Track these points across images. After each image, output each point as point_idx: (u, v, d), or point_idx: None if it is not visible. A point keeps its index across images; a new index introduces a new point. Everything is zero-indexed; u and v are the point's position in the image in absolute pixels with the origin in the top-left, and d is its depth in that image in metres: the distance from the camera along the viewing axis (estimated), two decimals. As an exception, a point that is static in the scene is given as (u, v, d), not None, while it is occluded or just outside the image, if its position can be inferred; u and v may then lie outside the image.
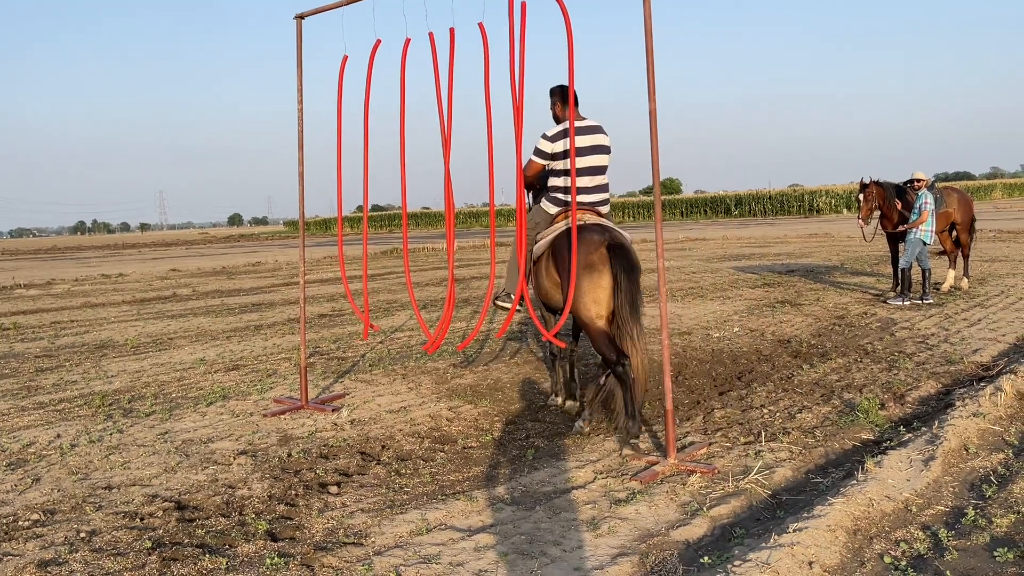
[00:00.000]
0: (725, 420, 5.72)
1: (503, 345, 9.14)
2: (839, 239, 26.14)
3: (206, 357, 9.14)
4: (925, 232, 10.81)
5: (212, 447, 5.54)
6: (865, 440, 5.11)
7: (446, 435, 5.70)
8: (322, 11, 6.31)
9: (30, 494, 4.69)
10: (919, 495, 4.02)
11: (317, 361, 8.64)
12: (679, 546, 3.65)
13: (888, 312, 10.18)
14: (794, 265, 17.45)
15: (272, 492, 4.58)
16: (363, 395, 6.96)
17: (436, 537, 3.85)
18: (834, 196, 59.61)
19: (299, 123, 6.61)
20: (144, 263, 33.24)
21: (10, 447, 5.69)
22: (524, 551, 3.64)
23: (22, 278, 24.67)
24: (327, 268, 24.70)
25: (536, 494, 4.41)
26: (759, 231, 36.27)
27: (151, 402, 6.95)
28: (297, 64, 6.61)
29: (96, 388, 7.65)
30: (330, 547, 3.79)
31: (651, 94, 4.68)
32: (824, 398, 6.15)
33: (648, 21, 4.59)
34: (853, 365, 7.23)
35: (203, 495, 4.58)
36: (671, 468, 4.66)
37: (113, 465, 5.20)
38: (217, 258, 35.55)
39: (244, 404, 6.77)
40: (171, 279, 22.54)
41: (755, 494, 4.24)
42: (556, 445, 5.36)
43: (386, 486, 4.67)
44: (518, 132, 5.08)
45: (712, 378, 7.11)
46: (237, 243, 61.09)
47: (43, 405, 6.99)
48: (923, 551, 3.41)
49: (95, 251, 53.94)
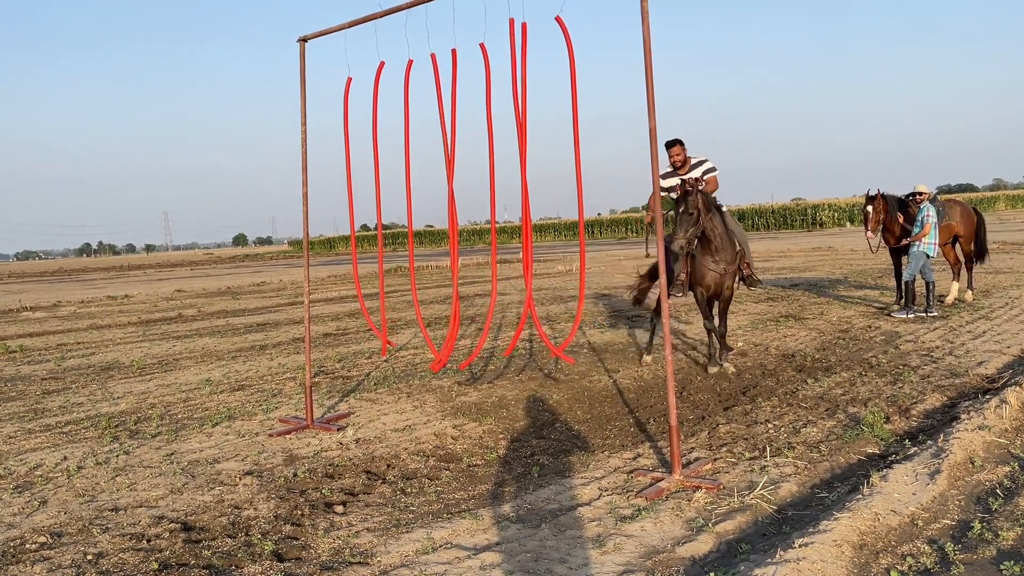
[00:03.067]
0: (730, 435, 5.72)
1: (507, 363, 9.15)
2: (843, 253, 26.14)
3: (212, 377, 9.17)
4: (928, 245, 10.81)
5: (218, 467, 5.55)
6: (870, 454, 5.11)
7: (451, 453, 5.70)
8: (325, 34, 6.38)
9: (37, 516, 4.71)
10: (925, 509, 4.01)
11: (322, 380, 8.66)
12: (685, 563, 3.65)
13: (892, 325, 10.18)
14: (797, 279, 17.45)
15: (278, 512, 4.59)
16: (368, 414, 6.97)
17: (442, 556, 3.85)
18: (837, 209, 59.62)
19: (303, 144, 6.67)
20: (150, 284, 33.34)
21: (17, 470, 5.71)
22: (530, 569, 3.64)
23: (28, 300, 24.76)
24: (332, 287, 24.76)
25: (541, 512, 4.42)
26: (762, 245, 36.28)
27: (157, 423, 6.97)
28: (301, 86, 6.68)
29: (102, 410, 7.67)
30: (336, 567, 3.80)
31: (651, 112, 4.72)
32: (829, 412, 6.15)
33: (647, 40, 4.64)
34: (858, 379, 7.23)
35: (209, 516, 4.59)
36: (676, 484, 4.66)
37: (119, 487, 5.21)
38: (222, 278, 35.65)
39: (250, 424, 6.79)
40: (176, 300, 22.61)
41: (760, 509, 4.23)
42: (561, 462, 5.36)
43: (391, 505, 4.67)
44: (522, 150, 5.12)
45: (716, 393, 7.11)
46: (242, 263, 61.26)
47: (50, 427, 7.02)
48: (930, 565, 3.41)
49: (101, 273, 54.13)
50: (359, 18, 6.00)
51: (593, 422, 6.44)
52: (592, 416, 6.62)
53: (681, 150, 8.12)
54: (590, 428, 6.27)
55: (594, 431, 6.18)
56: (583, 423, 6.42)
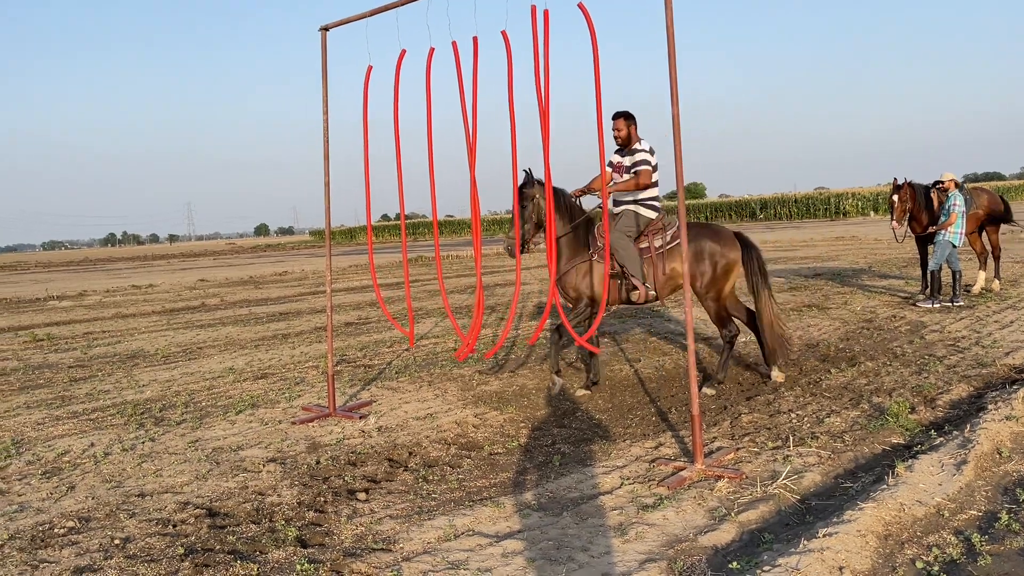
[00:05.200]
0: (752, 425, 5.69)
1: (529, 351, 9.15)
2: (866, 242, 25.86)
3: (235, 366, 9.25)
4: (954, 234, 10.67)
5: (242, 455, 5.61)
6: (895, 444, 5.06)
7: (472, 442, 5.72)
8: (346, 23, 6.38)
9: (65, 502, 4.78)
10: (951, 500, 3.97)
11: (344, 369, 8.71)
12: (707, 552, 3.63)
13: (917, 315, 10.06)
14: (821, 268, 17.29)
15: (301, 499, 4.63)
16: (390, 402, 7.01)
17: (464, 543, 3.86)
18: (861, 199, 58.95)
19: (325, 133, 6.69)
20: (173, 274, 33.67)
21: (45, 456, 5.80)
22: (552, 557, 3.65)
23: (55, 290, 25.09)
24: (353, 277, 24.87)
25: (563, 500, 4.42)
26: (785, 235, 35.97)
27: (182, 411, 7.05)
28: (323, 75, 6.69)
29: (128, 397, 7.77)
30: (359, 553, 3.82)
31: (674, 99, 4.68)
32: (853, 402, 6.09)
33: (670, 26, 4.60)
34: (882, 369, 7.16)
35: (233, 502, 4.63)
36: (698, 473, 4.64)
37: (146, 473, 5.28)
38: (244, 268, 35.93)
39: (273, 412, 6.84)
40: (200, 289, 22.82)
41: (784, 499, 4.21)
42: (582, 451, 5.36)
43: (414, 492, 4.70)
44: (544, 138, 5.11)
45: (739, 383, 7.08)
46: (264, 253, 61.68)
47: (77, 414, 7.11)
48: (956, 556, 3.37)
49: (125, 262, 54.72)
50: (380, 6, 5.99)
51: (614, 411, 6.43)
52: (613, 405, 6.61)
53: (624, 125, 6.86)
54: (611, 417, 6.26)
55: (615, 420, 6.17)
56: (604, 412, 6.41)
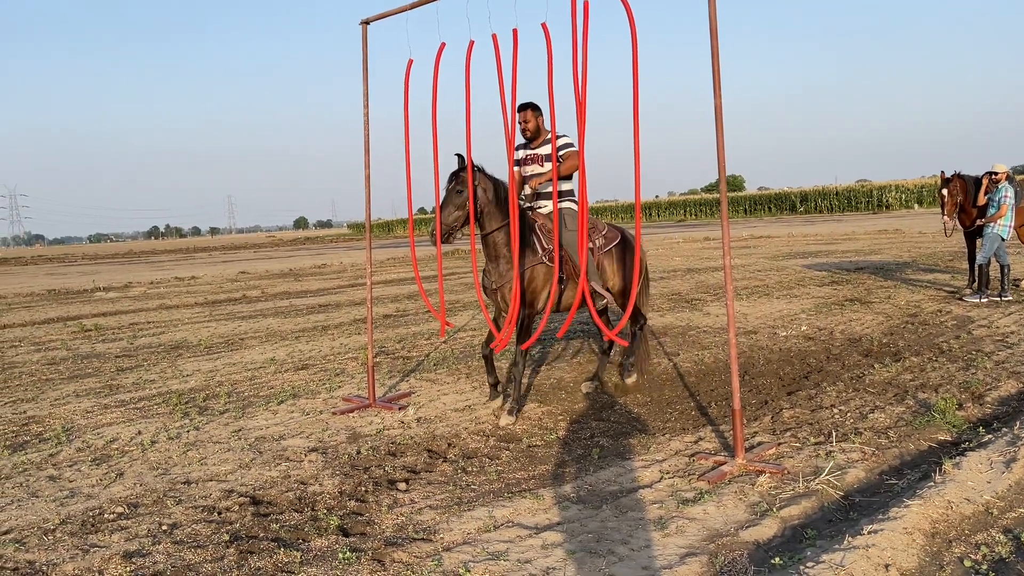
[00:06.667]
0: (794, 420, 5.62)
1: (565, 345, 9.14)
2: (910, 235, 25.36)
3: (276, 357, 9.38)
4: (1003, 228, 10.42)
5: (284, 444, 5.69)
6: (942, 441, 4.97)
7: (511, 434, 5.73)
8: (387, 16, 6.41)
9: (114, 488, 4.90)
10: (1000, 498, 3.89)
11: (383, 360, 8.78)
12: (749, 547, 3.61)
13: (964, 310, 9.84)
14: (863, 262, 17.00)
15: (343, 488, 4.68)
16: (428, 394, 7.05)
17: (504, 534, 3.88)
18: (905, 191, 57.80)
19: (365, 127, 6.73)
20: (215, 266, 34.21)
21: (95, 443, 5.94)
22: (592, 549, 3.65)
23: (102, 281, 25.67)
24: (391, 270, 25.04)
25: (602, 493, 4.41)
26: (826, 228, 35.42)
27: (225, 400, 7.17)
28: (363, 68, 6.74)
29: (173, 387, 7.92)
30: (400, 543, 3.86)
31: (716, 90, 4.63)
32: (897, 398, 5.99)
33: (713, 18, 4.55)
34: (928, 364, 7.02)
35: (276, 491, 4.71)
36: (739, 468, 4.60)
37: (191, 461, 5.38)
38: (284, 260, 36.38)
39: (314, 402, 6.93)
40: (241, 281, 23.16)
41: (826, 495, 4.16)
42: (621, 444, 5.35)
43: (453, 483, 4.72)
44: (581, 130, 5.09)
45: (779, 377, 6.99)
46: (303, 246, 62.39)
47: (124, 403, 7.28)
48: (1005, 555, 3.31)
49: (168, 255, 55.74)
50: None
51: (653, 405, 6.39)
52: (652, 399, 6.57)
53: (532, 116, 6.32)
54: (650, 411, 6.23)
55: (654, 414, 6.14)
56: (643, 406, 6.38)
